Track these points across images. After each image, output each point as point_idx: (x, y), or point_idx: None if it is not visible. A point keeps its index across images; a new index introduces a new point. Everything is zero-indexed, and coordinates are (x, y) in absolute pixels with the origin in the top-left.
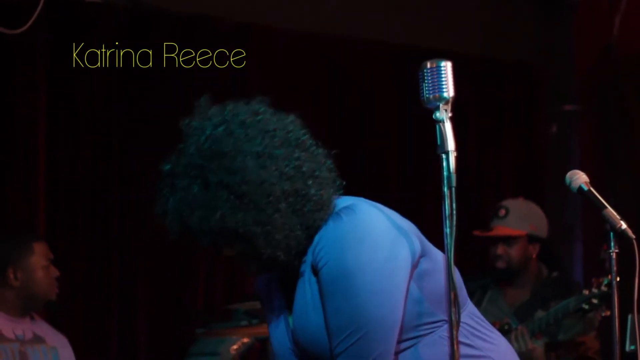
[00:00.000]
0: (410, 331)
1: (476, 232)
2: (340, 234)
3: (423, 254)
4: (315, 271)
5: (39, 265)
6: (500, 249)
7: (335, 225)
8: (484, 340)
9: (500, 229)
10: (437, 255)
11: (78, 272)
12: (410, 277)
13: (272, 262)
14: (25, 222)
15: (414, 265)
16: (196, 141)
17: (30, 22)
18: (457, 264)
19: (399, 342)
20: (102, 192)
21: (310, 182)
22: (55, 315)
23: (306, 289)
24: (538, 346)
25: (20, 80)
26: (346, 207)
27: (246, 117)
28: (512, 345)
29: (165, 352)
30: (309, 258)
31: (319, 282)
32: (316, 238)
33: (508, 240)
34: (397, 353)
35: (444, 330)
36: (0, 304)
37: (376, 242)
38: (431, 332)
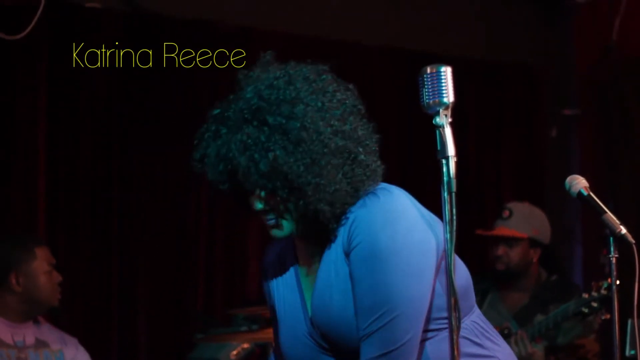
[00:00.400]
0: (431, 323)
1: (478, 231)
2: (376, 212)
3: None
4: (347, 250)
5: (41, 270)
6: (500, 250)
7: (372, 203)
8: (492, 341)
9: (502, 229)
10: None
11: (78, 273)
12: (436, 268)
13: (311, 218)
14: (25, 222)
15: (439, 258)
16: (255, 88)
17: (30, 27)
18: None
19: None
20: (102, 192)
21: (361, 148)
22: (57, 318)
23: (331, 269)
24: (538, 350)
25: (20, 82)
26: (382, 188)
27: (309, 74)
28: (512, 350)
29: (165, 354)
30: (342, 236)
31: (349, 261)
32: (351, 216)
33: (509, 241)
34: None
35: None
36: (1, 309)
37: (411, 223)
38: (444, 328)
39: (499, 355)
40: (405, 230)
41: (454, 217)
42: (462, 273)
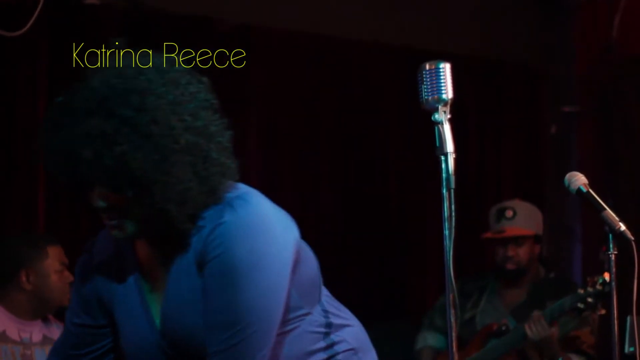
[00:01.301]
0: (280, 327)
1: (487, 235)
2: (235, 225)
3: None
4: (200, 261)
5: (52, 269)
6: (511, 250)
7: (231, 214)
8: (344, 310)
9: (511, 229)
10: (302, 242)
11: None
12: (293, 264)
13: (158, 220)
14: (26, 221)
15: (295, 257)
16: (102, 77)
17: (29, 24)
18: (456, 263)
19: None
20: None
21: (213, 145)
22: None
23: (181, 280)
24: (556, 331)
25: (20, 81)
26: (238, 197)
27: (161, 64)
28: (531, 332)
29: None
30: (195, 245)
31: (204, 274)
32: (208, 226)
33: (518, 240)
34: None
35: (307, 323)
36: (10, 306)
37: (272, 234)
38: (297, 327)
39: (354, 322)
40: (265, 243)
41: (453, 214)
42: (311, 263)
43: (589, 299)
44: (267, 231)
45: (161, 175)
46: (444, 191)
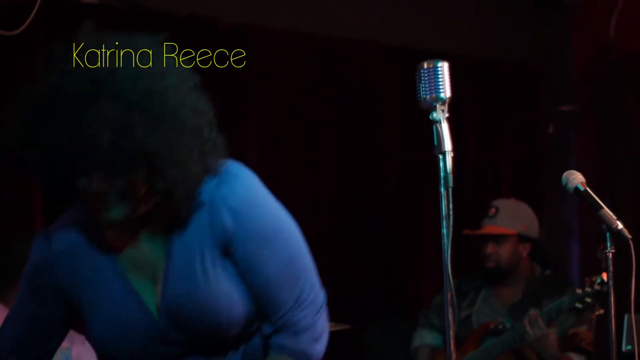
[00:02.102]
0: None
1: (466, 231)
2: (245, 193)
3: None
4: (226, 242)
5: None
6: (490, 248)
7: (235, 183)
8: None
9: (490, 227)
10: None
11: None
12: None
13: (163, 199)
14: (22, 221)
15: None
16: (101, 60)
17: (26, 24)
18: (454, 262)
19: None
20: None
21: (208, 124)
22: None
23: (192, 256)
24: (552, 332)
25: (17, 80)
26: (231, 167)
27: (154, 45)
28: (528, 332)
29: None
30: (202, 221)
31: (235, 247)
32: (206, 199)
33: (497, 239)
34: None
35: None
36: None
37: (271, 198)
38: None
39: None
40: (273, 204)
41: (451, 212)
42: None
43: (587, 299)
44: (267, 194)
45: (174, 156)
46: (442, 190)
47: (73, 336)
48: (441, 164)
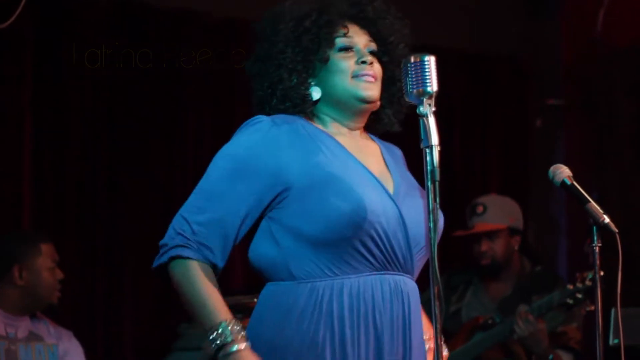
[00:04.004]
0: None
1: (458, 233)
2: None
3: None
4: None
5: (45, 266)
6: (484, 246)
7: None
8: None
9: (481, 225)
10: None
11: (63, 264)
12: None
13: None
14: (10, 218)
15: None
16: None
17: (14, 16)
18: (441, 257)
19: None
20: (88, 193)
21: None
22: (54, 315)
23: (401, 168)
24: (543, 328)
25: (5, 73)
26: None
27: None
28: (519, 328)
29: (151, 343)
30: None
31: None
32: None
33: (490, 235)
34: None
35: None
36: (0, 300)
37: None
38: None
39: None
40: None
41: (437, 206)
42: None
43: (578, 295)
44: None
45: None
46: (428, 183)
47: (61, 332)
48: (428, 158)
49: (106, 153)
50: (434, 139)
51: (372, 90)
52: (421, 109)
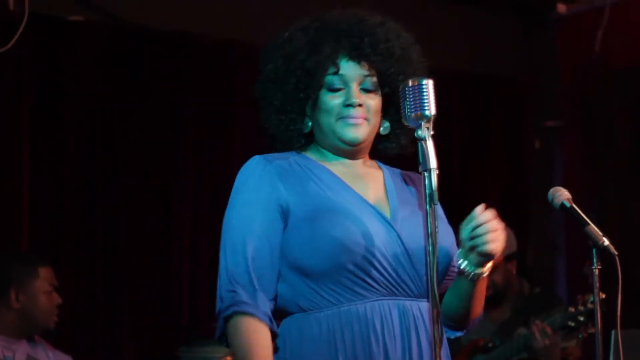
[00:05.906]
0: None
1: None
2: None
3: None
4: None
5: (42, 290)
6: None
7: None
8: None
9: None
10: None
11: (62, 283)
12: None
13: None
14: (9, 233)
15: None
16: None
17: (13, 40)
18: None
19: None
20: (86, 204)
21: None
22: (52, 340)
23: (408, 192)
24: (559, 343)
25: (4, 96)
26: None
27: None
28: (536, 341)
29: None
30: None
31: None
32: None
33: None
34: None
35: None
36: None
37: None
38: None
39: None
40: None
41: (437, 229)
42: None
43: (580, 317)
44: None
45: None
46: (427, 207)
47: (59, 357)
48: (426, 182)
49: (105, 173)
50: (432, 162)
51: (357, 132)
52: (419, 132)
